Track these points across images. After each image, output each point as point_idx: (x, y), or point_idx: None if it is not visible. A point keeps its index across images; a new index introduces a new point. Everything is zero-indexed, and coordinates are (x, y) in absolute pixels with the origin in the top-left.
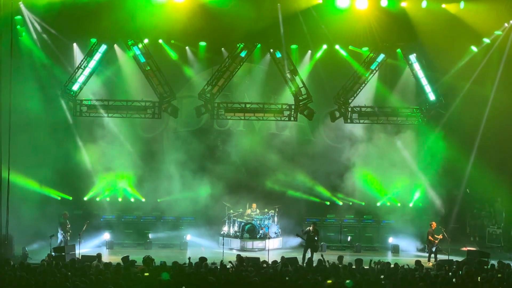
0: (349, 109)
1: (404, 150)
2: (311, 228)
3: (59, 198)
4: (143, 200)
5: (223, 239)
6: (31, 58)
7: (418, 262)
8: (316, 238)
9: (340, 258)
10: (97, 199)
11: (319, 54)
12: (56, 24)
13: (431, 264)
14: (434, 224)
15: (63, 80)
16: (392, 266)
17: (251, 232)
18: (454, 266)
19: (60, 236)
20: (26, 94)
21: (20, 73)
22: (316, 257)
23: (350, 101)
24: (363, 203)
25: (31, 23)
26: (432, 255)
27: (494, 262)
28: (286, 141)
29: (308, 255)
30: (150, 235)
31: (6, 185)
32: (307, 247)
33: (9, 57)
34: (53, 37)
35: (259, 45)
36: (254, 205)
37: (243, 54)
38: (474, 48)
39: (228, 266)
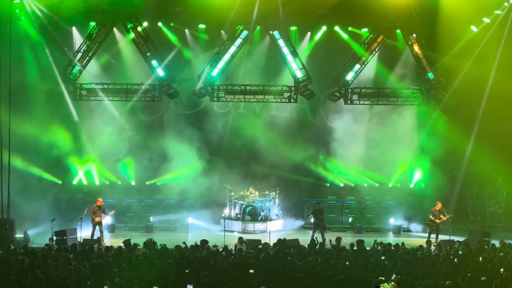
0: (349, 90)
1: (405, 130)
2: (317, 207)
3: (60, 182)
4: (147, 183)
5: (224, 221)
6: (30, 42)
7: (428, 242)
8: (322, 217)
9: (338, 239)
10: (97, 183)
11: (318, 35)
12: (55, 8)
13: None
14: (439, 205)
15: (63, 64)
16: (393, 246)
17: (252, 214)
18: (456, 246)
19: (92, 222)
20: (25, 78)
21: (20, 57)
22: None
23: (350, 82)
24: (364, 184)
25: (29, 7)
26: (433, 235)
27: (495, 241)
28: (286, 123)
29: (316, 235)
30: (151, 218)
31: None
32: (316, 227)
33: (8, 42)
34: (52, 21)
35: (258, 27)
36: (251, 188)
37: (242, 36)
38: (474, 28)
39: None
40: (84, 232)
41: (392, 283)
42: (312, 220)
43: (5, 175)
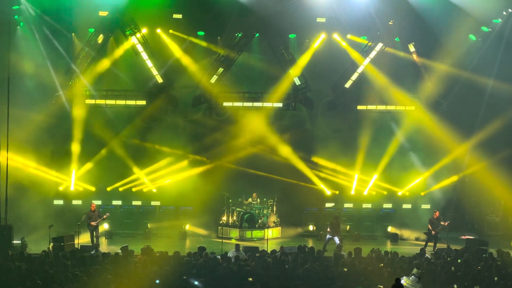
0: (348, 97)
1: (403, 138)
2: (334, 221)
3: (61, 189)
4: (144, 190)
5: (222, 228)
6: (29, 48)
7: (422, 251)
8: (338, 229)
9: (339, 247)
10: (93, 189)
11: (317, 43)
12: (54, 14)
13: (426, 251)
14: (437, 213)
15: (62, 70)
16: (389, 255)
17: (250, 221)
18: (453, 255)
19: (89, 228)
20: (24, 83)
21: (19, 62)
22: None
23: (348, 89)
24: (363, 192)
25: (28, 13)
26: (430, 243)
27: (493, 250)
28: (284, 130)
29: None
30: (149, 225)
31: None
32: (329, 239)
33: (7, 47)
34: (51, 27)
35: (257, 34)
36: (254, 194)
37: (241, 43)
38: (472, 37)
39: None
40: (82, 239)
41: (413, 277)
42: (327, 232)
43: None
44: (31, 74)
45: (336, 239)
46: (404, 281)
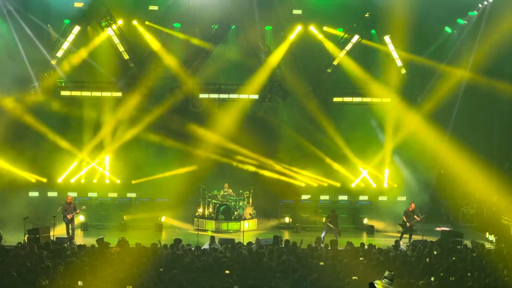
0: (324, 89)
1: (379, 130)
2: (331, 214)
3: (34, 181)
4: (118, 181)
5: (198, 220)
6: (4, 39)
7: (396, 243)
8: (337, 223)
9: (318, 240)
10: (71, 180)
11: (293, 35)
12: (29, 5)
13: (402, 243)
14: (412, 205)
15: (37, 62)
16: (366, 246)
17: (226, 213)
18: (428, 246)
19: (64, 220)
20: None
21: None
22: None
23: (324, 82)
24: (338, 184)
25: (3, 4)
26: (406, 235)
27: (468, 242)
28: (261, 122)
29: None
30: (125, 217)
31: None
32: (328, 230)
33: None
34: (26, 18)
35: (233, 26)
36: (226, 185)
37: (217, 35)
38: (448, 29)
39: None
40: (57, 231)
41: (385, 280)
42: (326, 226)
43: None
44: (5, 66)
45: (335, 234)
46: (377, 284)
